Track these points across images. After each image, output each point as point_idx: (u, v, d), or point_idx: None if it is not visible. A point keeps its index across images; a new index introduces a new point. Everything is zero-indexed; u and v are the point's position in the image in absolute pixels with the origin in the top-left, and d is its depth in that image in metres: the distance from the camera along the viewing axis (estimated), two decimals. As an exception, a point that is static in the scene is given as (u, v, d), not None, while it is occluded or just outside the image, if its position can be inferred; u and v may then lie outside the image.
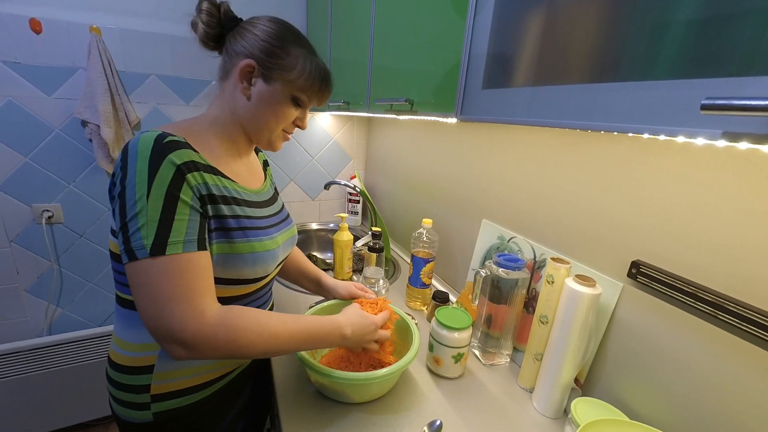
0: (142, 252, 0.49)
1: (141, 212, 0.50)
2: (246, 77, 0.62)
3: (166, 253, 0.50)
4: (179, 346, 0.50)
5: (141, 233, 0.50)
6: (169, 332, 0.49)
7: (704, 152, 0.53)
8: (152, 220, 0.50)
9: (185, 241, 0.52)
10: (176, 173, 0.52)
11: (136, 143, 0.52)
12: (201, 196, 0.55)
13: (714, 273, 0.53)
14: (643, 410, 0.63)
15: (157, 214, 0.50)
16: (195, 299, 0.51)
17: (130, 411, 0.63)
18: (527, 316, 0.82)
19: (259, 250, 0.62)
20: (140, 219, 0.50)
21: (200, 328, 0.50)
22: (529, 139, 0.85)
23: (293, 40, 0.63)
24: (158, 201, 0.50)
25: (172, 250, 0.50)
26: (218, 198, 0.58)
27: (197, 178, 0.55)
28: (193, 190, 0.54)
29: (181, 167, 0.53)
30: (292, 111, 0.66)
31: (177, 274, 0.50)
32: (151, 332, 0.51)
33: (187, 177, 0.53)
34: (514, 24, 0.50)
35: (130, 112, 1.39)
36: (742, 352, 0.50)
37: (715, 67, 0.29)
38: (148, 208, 0.50)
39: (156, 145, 0.52)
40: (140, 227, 0.50)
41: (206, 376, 0.66)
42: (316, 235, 1.72)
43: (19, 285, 1.43)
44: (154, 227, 0.50)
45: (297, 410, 0.67)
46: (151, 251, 0.49)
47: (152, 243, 0.50)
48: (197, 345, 0.50)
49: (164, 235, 0.50)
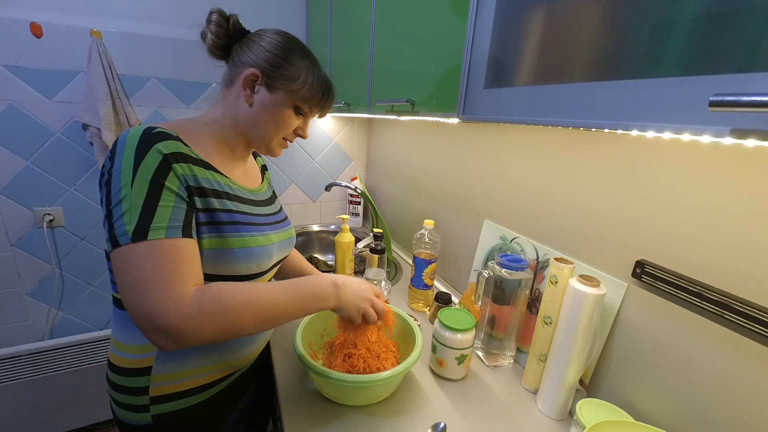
0: (125, 238, 0.49)
1: (125, 199, 0.50)
2: (250, 85, 0.64)
3: (148, 238, 0.49)
4: (162, 334, 0.48)
5: (124, 219, 0.49)
6: (150, 318, 0.47)
7: (709, 150, 0.53)
8: (135, 207, 0.50)
9: (168, 227, 0.51)
10: (162, 162, 0.52)
11: (125, 135, 0.53)
12: (188, 186, 0.55)
13: (719, 272, 0.52)
14: (649, 411, 0.62)
15: (141, 200, 0.50)
16: (175, 283, 0.49)
17: (129, 413, 0.62)
18: (531, 317, 0.82)
19: (251, 245, 0.62)
20: (123, 205, 0.50)
21: (180, 310, 0.48)
22: (531, 139, 0.84)
23: (297, 52, 0.65)
24: (142, 187, 0.50)
25: (154, 235, 0.50)
26: (209, 191, 0.58)
27: (185, 169, 0.55)
28: (180, 180, 0.54)
29: (168, 156, 0.53)
30: (293, 119, 0.67)
31: (158, 259, 0.49)
32: (134, 322, 0.49)
33: (173, 166, 0.53)
34: (515, 22, 0.50)
35: (131, 115, 1.39)
36: (749, 351, 0.50)
37: (722, 63, 0.29)
38: (131, 195, 0.50)
39: (144, 135, 0.53)
40: (123, 213, 0.49)
41: (206, 378, 0.65)
42: (317, 236, 1.72)
43: (21, 289, 1.42)
44: (137, 213, 0.49)
45: (299, 413, 0.67)
46: (133, 237, 0.49)
47: (134, 228, 0.49)
48: (180, 329, 0.48)
49: (147, 221, 0.50)
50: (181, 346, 0.50)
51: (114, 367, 0.63)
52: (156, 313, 0.47)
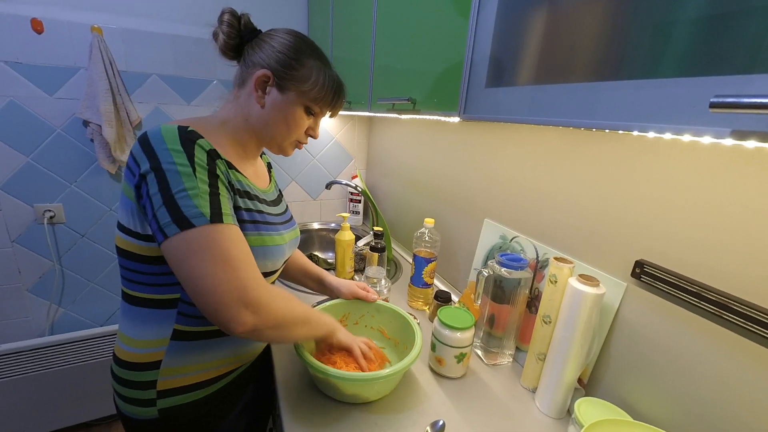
0: (202, 219, 0.50)
1: (190, 187, 0.51)
2: (261, 86, 0.64)
3: (224, 221, 0.52)
4: (249, 310, 0.51)
5: (194, 202, 0.50)
6: (243, 293, 0.50)
7: (709, 151, 0.53)
8: (203, 194, 0.52)
9: (231, 215, 0.55)
10: (209, 156, 0.54)
11: (158, 131, 0.54)
12: (228, 182, 0.58)
13: (719, 272, 0.53)
14: (647, 410, 0.62)
15: (206, 187, 0.52)
16: (255, 267, 0.54)
17: (135, 408, 0.63)
18: (530, 315, 0.82)
19: (269, 244, 0.64)
20: (191, 192, 0.51)
21: (268, 289, 0.54)
22: (531, 139, 0.85)
23: (309, 52, 0.65)
24: (203, 176, 0.53)
25: (228, 220, 0.53)
26: (236, 189, 0.60)
27: (221, 165, 0.57)
28: (224, 175, 0.57)
29: (211, 152, 0.55)
30: (304, 120, 0.68)
31: (239, 242, 0.53)
32: (217, 299, 0.49)
33: (217, 162, 0.56)
34: (517, 22, 0.50)
35: (132, 111, 1.39)
36: (748, 351, 0.50)
37: (723, 64, 0.29)
38: (197, 183, 0.51)
39: (182, 133, 0.54)
40: (192, 198, 0.51)
41: (213, 372, 0.66)
42: (317, 234, 1.72)
43: (21, 285, 1.43)
44: (206, 199, 0.52)
45: (299, 410, 0.67)
46: (212, 219, 0.51)
47: (210, 212, 0.51)
48: (267, 306, 0.53)
49: (218, 207, 0.52)
50: (255, 326, 0.52)
51: (121, 361, 0.63)
52: (250, 287, 0.51)
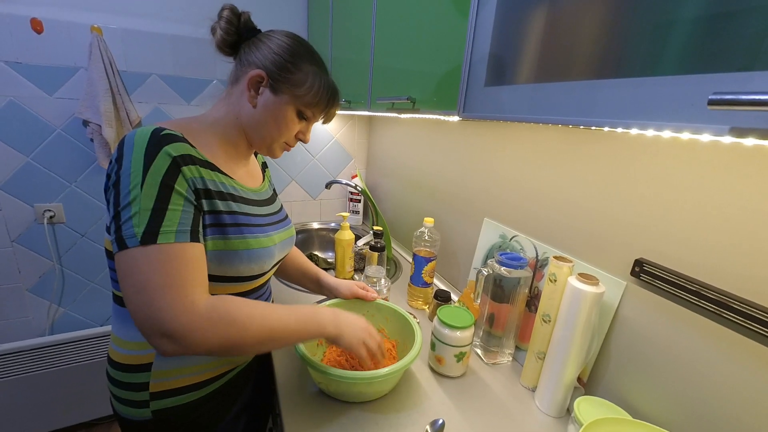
0: (133, 240, 0.48)
1: (134, 201, 0.49)
2: (254, 86, 0.63)
3: (157, 242, 0.49)
4: (167, 340, 0.48)
5: (132, 221, 0.49)
6: (157, 323, 0.47)
7: (708, 149, 0.53)
8: (145, 209, 0.49)
9: (177, 231, 0.51)
10: (171, 164, 0.52)
11: (132, 136, 0.52)
12: (196, 189, 0.55)
13: (718, 271, 0.52)
14: (647, 409, 0.62)
15: (151, 203, 0.50)
16: (185, 289, 0.49)
17: (129, 409, 0.63)
18: (530, 314, 0.82)
19: (254, 247, 0.62)
20: (133, 207, 0.49)
21: (191, 318, 0.48)
22: (531, 138, 0.85)
23: (306, 56, 0.65)
24: (152, 190, 0.50)
25: (164, 239, 0.49)
26: (214, 193, 0.58)
27: (193, 171, 0.55)
28: (188, 183, 0.54)
29: (177, 159, 0.53)
30: (295, 123, 0.67)
31: (167, 264, 0.49)
32: (138, 325, 0.48)
33: (182, 169, 0.53)
34: (516, 20, 0.50)
35: (132, 111, 1.39)
36: (747, 350, 0.50)
37: (722, 61, 0.29)
38: (141, 197, 0.49)
39: (152, 137, 0.52)
40: (132, 215, 0.49)
41: (206, 374, 0.65)
42: (317, 234, 1.72)
43: (21, 285, 1.43)
44: (146, 216, 0.49)
45: (299, 409, 0.67)
46: (142, 240, 0.48)
47: (143, 231, 0.49)
48: (187, 336, 0.48)
49: (156, 224, 0.49)
50: (184, 353, 0.49)
51: (114, 363, 0.63)
52: (164, 318, 0.47)
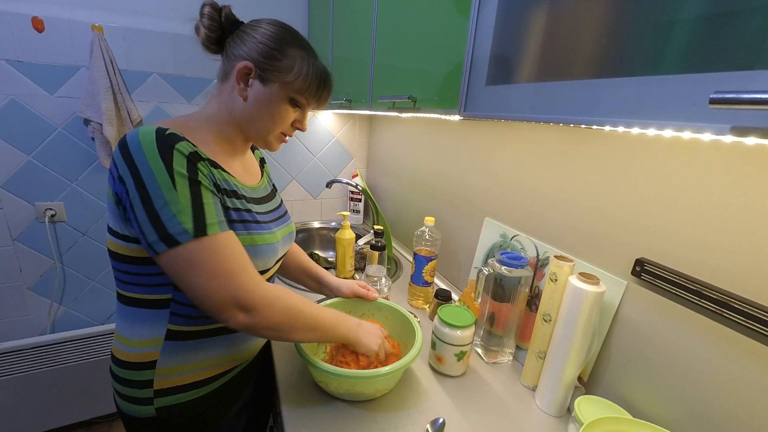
0: (185, 236, 0.51)
1: (172, 201, 0.51)
2: (243, 79, 0.63)
3: (208, 233, 0.52)
4: (242, 312, 0.54)
5: (178, 219, 0.51)
6: (236, 299, 0.53)
7: (709, 148, 0.53)
8: (185, 206, 0.52)
9: (219, 222, 0.55)
10: (189, 162, 0.54)
11: (136, 137, 0.52)
12: (214, 183, 0.57)
13: (719, 271, 0.52)
14: (647, 408, 0.62)
15: (188, 200, 0.52)
16: (250, 269, 0.56)
17: (133, 406, 0.63)
18: (530, 314, 0.82)
19: (259, 243, 0.63)
20: (173, 207, 0.51)
21: (263, 293, 0.55)
22: (532, 137, 0.84)
23: (291, 41, 0.63)
24: (185, 188, 0.52)
25: (213, 230, 0.53)
26: (222, 190, 0.59)
27: (205, 167, 0.56)
28: (207, 177, 0.56)
29: (190, 156, 0.54)
30: (290, 112, 0.66)
31: (225, 251, 0.54)
32: (212, 306, 0.53)
33: (198, 165, 0.55)
34: (517, 19, 0.50)
35: (132, 110, 1.39)
36: (748, 349, 0.50)
37: (724, 60, 0.29)
38: (178, 196, 0.51)
39: (159, 138, 0.52)
40: (176, 214, 0.51)
41: (209, 371, 0.66)
42: (318, 233, 1.72)
43: (23, 283, 1.43)
44: (189, 212, 0.52)
45: (299, 408, 0.67)
46: (195, 233, 0.51)
47: (193, 226, 0.52)
48: (262, 309, 0.55)
49: (201, 218, 0.53)
50: (252, 326, 0.55)
51: (118, 360, 0.63)
52: (242, 294, 0.53)
